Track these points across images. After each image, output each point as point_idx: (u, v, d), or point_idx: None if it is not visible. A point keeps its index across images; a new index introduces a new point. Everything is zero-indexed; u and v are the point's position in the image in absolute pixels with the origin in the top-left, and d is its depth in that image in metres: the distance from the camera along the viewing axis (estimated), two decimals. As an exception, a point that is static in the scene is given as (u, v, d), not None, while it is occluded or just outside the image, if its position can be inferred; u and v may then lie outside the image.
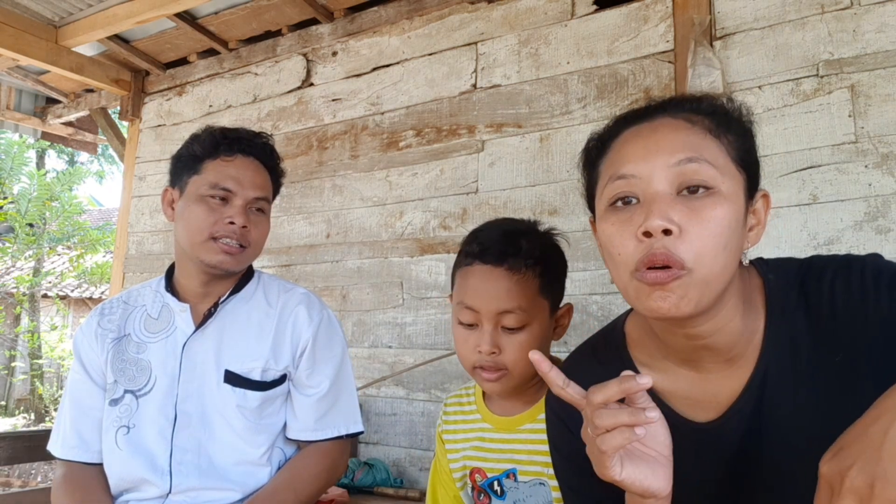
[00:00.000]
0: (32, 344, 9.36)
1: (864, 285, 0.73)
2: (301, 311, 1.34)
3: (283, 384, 1.32)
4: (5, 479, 5.65)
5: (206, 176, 1.27)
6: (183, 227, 1.28)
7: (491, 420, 1.17)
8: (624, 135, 0.78)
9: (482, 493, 1.16)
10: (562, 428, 0.91)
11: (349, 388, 1.39)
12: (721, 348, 0.77)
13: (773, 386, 0.77)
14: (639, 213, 0.71)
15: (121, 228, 3.42)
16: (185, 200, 1.29)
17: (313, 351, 1.33)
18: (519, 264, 1.04)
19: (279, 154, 1.41)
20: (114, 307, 1.39)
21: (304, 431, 1.32)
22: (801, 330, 0.76)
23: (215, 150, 1.29)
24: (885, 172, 1.71)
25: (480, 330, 1.05)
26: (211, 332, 1.31)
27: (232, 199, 1.27)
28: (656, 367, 0.85)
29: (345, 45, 2.78)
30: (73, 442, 1.30)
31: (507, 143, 2.31)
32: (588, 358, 0.94)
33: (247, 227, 1.27)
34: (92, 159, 14.00)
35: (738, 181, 0.73)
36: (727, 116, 0.76)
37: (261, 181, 1.32)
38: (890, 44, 1.74)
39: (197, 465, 1.25)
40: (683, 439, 0.81)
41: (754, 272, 0.82)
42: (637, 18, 2.13)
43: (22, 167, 9.18)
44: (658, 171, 0.71)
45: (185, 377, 1.28)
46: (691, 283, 0.69)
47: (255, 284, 1.39)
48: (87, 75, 3.20)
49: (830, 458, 0.58)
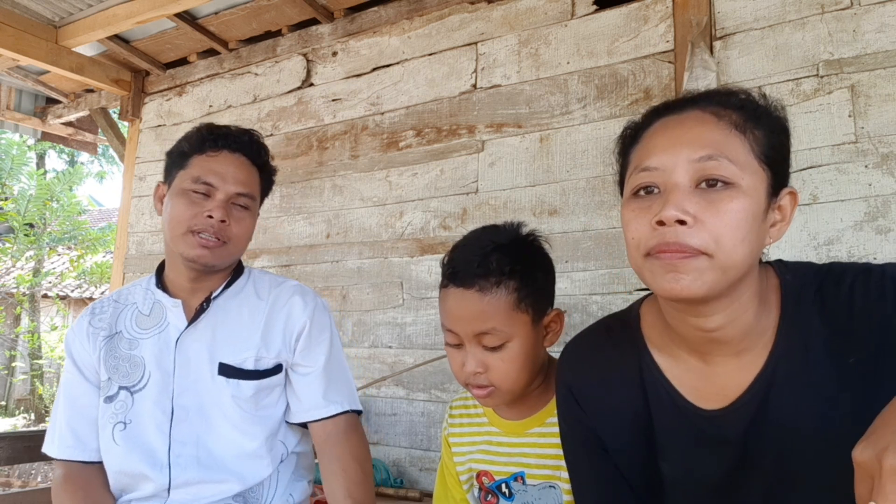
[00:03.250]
0: (32, 344, 9.36)
1: (884, 289, 0.74)
2: (296, 300, 1.35)
3: (277, 374, 1.32)
4: (5, 479, 5.65)
5: (190, 170, 1.28)
6: (167, 221, 1.29)
7: (499, 424, 1.17)
8: (654, 126, 0.80)
9: (490, 493, 1.16)
10: (571, 400, 0.94)
11: (344, 365, 1.39)
12: (731, 341, 0.78)
13: (781, 383, 0.78)
14: (658, 202, 0.73)
15: (121, 228, 3.42)
16: (170, 194, 1.30)
17: (309, 333, 1.33)
18: (489, 284, 1.01)
19: (270, 152, 1.41)
20: (104, 306, 1.39)
21: (309, 410, 1.31)
22: (815, 331, 0.77)
23: (202, 145, 1.30)
24: (885, 172, 1.71)
25: (465, 350, 1.05)
26: (203, 327, 1.31)
27: (213, 194, 1.27)
28: (667, 351, 0.86)
29: (345, 45, 2.78)
30: (69, 441, 1.30)
31: (507, 144, 2.31)
32: (600, 336, 0.95)
33: (226, 222, 1.26)
34: (92, 159, 14.00)
35: (760, 177, 0.73)
36: (756, 111, 0.77)
37: (244, 177, 1.31)
38: (890, 44, 1.74)
39: (196, 458, 1.26)
40: (689, 426, 0.83)
41: (772, 272, 0.83)
42: (637, 18, 2.13)
43: (22, 167, 9.19)
44: (680, 164, 0.73)
45: (179, 372, 1.28)
46: (707, 266, 0.70)
47: (246, 279, 1.40)
48: (88, 75, 3.21)
49: (864, 446, 0.58)
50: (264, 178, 1.39)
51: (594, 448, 0.92)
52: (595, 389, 0.91)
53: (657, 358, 0.87)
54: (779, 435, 0.78)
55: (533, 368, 1.06)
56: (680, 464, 0.85)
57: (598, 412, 0.91)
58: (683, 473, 0.85)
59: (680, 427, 0.82)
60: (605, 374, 0.91)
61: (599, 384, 0.91)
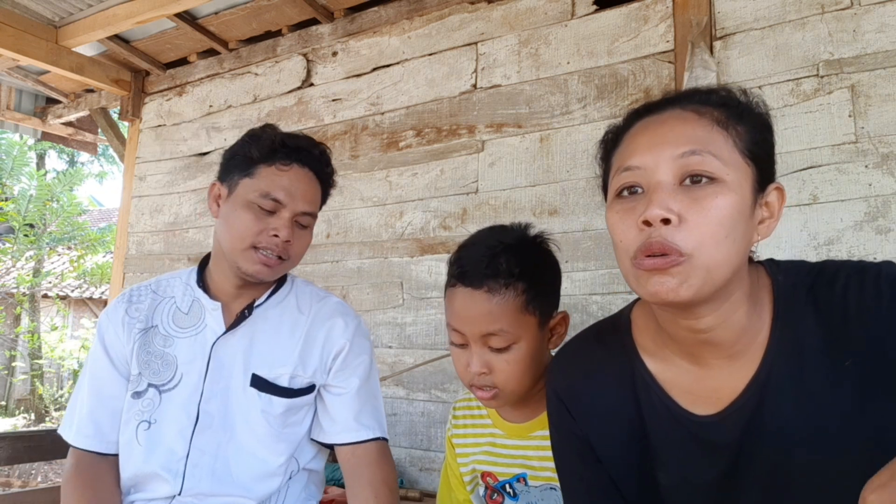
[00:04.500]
0: (32, 344, 9.36)
1: (880, 289, 0.72)
2: (338, 321, 1.32)
3: (309, 394, 1.29)
4: (5, 479, 5.65)
5: (258, 182, 1.22)
6: (226, 230, 1.24)
7: (502, 426, 1.17)
8: (635, 127, 0.80)
9: (495, 492, 1.16)
10: (562, 409, 0.92)
11: (378, 392, 1.36)
12: (723, 343, 0.77)
13: (776, 387, 0.76)
14: (642, 202, 0.72)
15: (121, 228, 3.42)
16: (232, 202, 1.24)
17: (347, 356, 1.30)
18: (498, 285, 1.01)
19: (333, 166, 1.36)
20: (142, 295, 1.34)
21: (345, 432, 1.28)
22: (809, 333, 0.75)
23: (272, 155, 1.24)
24: (885, 172, 1.71)
25: (470, 350, 1.05)
26: (242, 335, 1.28)
27: (280, 211, 1.22)
28: (660, 356, 0.85)
29: (345, 45, 2.78)
30: (88, 431, 1.26)
31: (507, 144, 2.31)
32: (591, 341, 0.94)
33: (290, 242, 1.24)
34: (92, 159, 14.01)
35: (745, 173, 0.73)
36: (738, 108, 0.76)
37: (312, 195, 1.28)
38: (890, 44, 1.74)
39: (212, 470, 1.22)
40: (684, 432, 0.81)
41: (763, 272, 0.81)
42: (637, 18, 2.13)
43: (22, 167, 9.20)
44: (662, 162, 0.72)
45: (211, 377, 1.25)
46: (691, 268, 0.69)
47: (289, 289, 1.36)
48: (88, 75, 3.21)
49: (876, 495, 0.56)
50: (325, 192, 1.35)
51: (587, 457, 0.90)
52: (587, 397, 0.90)
53: (649, 363, 0.85)
54: (774, 440, 0.76)
55: (537, 371, 1.06)
56: (675, 471, 0.83)
57: (591, 420, 0.89)
58: (679, 481, 0.83)
59: (674, 433, 0.80)
60: (597, 381, 0.89)
61: (591, 392, 0.89)
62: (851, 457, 0.72)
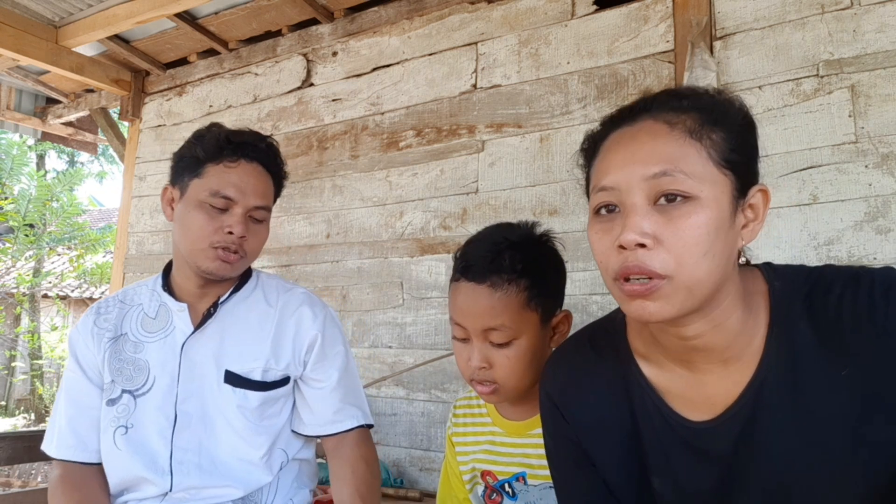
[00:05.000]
0: (32, 344, 9.36)
1: (873, 299, 0.72)
2: (305, 310, 1.34)
3: (285, 385, 1.31)
4: (5, 479, 5.65)
5: (207, 181, 1.24)
6: (182, 232, 1.26)
7: (502, 424, 1.17)
8: (610, 138, 0.79)
9: (494, 492, 1.16)
10: (556, 414, 0.91)
11: (357, 379, 1.39)
12: (714, 348, 0.77)
13: (771, 394, 0.75)
14: (618, 222, 0.72)
15: (121, 228, 3.42)
16: (185, 203, 1.26)
17: (322, 347, 1.32)
18: (501, 281, 1.02)
19: (283, 157, 1.38)
20: (110, 306, 1.37)
21: (324, 425, 1.31)
22: (805, 341, 0.75)
23: (219, 153, 1.25)
24: (885, 172, 1.71)
25: (471, 344, 1.06)
26: (210, 333, 1.30)
27: (232, 208, 1.24)
28: (654, 360, 0.84)
29: (345, 45, 2.78)
30: (70, 441, 1.28)
31: (507, 144, 2.31)
32: (584, 346, 0.93)
33: (245, 237, 1.25)
34: (92, 159, 14.00)
35: (721, 184, 0.71)
36: (712, 113, 0.73)
37: (263, 188, 1.29)
38: (890, 44, 1.74)
39: (198, 465, 1.25)
40: (678, 438, 0.80)
41: (759, 276, 0.80)
42: (637, 18, 2.13)
43: (22, 167, 9.19)
44: (634, 183, 0.71)
45: (184, 377, 1.27)
46: (672, 290, 0.69)
47: (254, 283, 1.38)
48: (88, 75, 3.21)
49: None
50: (277, 185, 1.36)
51: (581, 463, 0.89)
52: (580, 401, 0.89)
53: (644, 367, 0.84)
54: (769, 449, 0.75)
55: (538, 368, 1.06)
56: (669, 478, 0.82)
57: (584, 425, 0.88)
58: (674, 488, 0.82)
59: (668, 438, 0.79)
60: (591, 385, 0.88)
61: (585, 396, 0.88)
62: (850, 468, 0.72)
